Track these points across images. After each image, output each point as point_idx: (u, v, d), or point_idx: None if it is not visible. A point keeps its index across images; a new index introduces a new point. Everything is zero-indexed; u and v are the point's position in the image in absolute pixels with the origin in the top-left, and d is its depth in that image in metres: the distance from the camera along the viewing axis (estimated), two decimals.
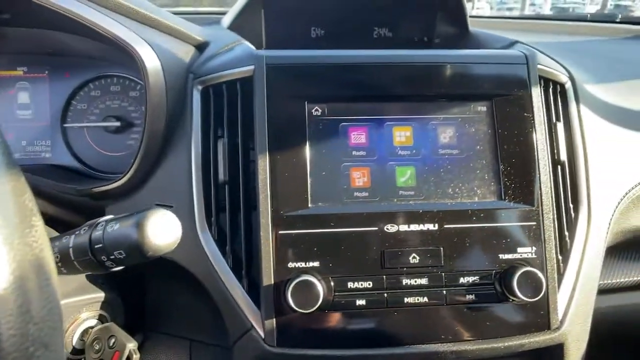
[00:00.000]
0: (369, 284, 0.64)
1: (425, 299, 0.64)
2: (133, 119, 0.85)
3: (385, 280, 0.64)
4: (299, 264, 0.63)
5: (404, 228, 0.65)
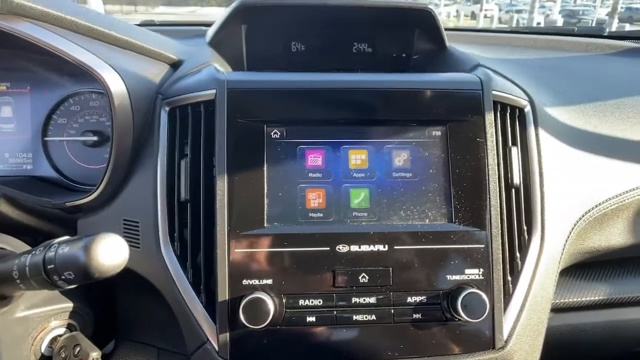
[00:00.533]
0: (320, 302, 0.67)
1: (373, 317, 0.67)
2: (110, 134, 0.89)
3: (335, 298, 0.67)
4: (253, 282, 0.66)
5: (355, 248, 0.67)
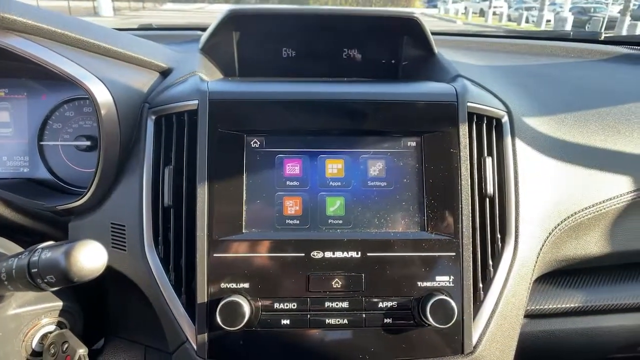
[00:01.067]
0: (294, 306, 0.69)
1: (345, 321, 0.70)
2: None
3: (309, 302, 0.70)
4: (231, 285, 0.69)
5: (329, 255, 0.70)
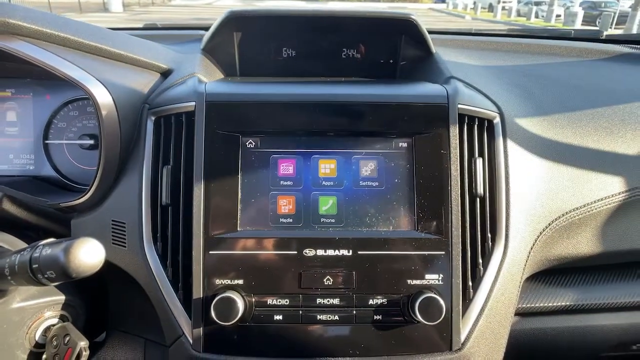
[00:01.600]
0: (286, 302, 0.72)
1: (336, 317, 0.72)
2: None
3: (301, 299, 0.72)
4: (225, 281, 0.71)
5: (321, 253, 0.72)
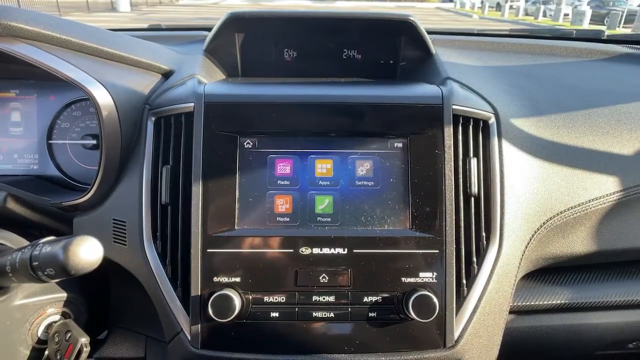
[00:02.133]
0: (283, 299, 0.73)
1: (332, 315, 0.73)
2: None
3: (297, 296, 0.73)
4: (223, 279, 0.73)
5: (317, 251, 0.73)
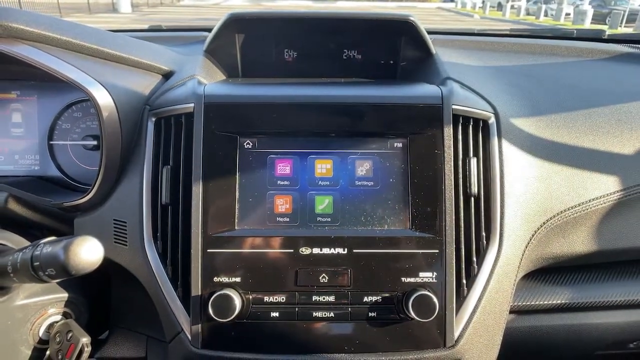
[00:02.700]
0: (283, 299, 0.73)
1: (332, 314, 0.73)
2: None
3: (297, 296, 0.73)
4: (223, 279, 0.73)
5: (317, 251, 0.73)
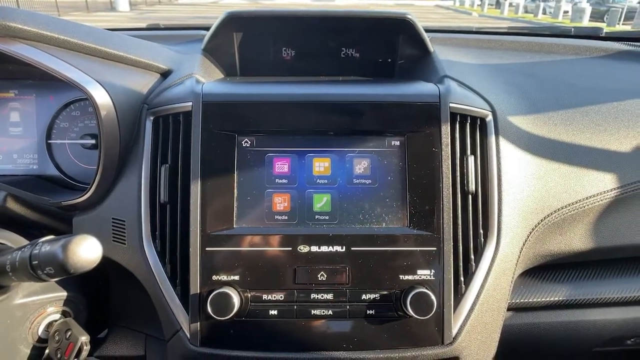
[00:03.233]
0: (281, 297, 0.73)
1: (330, 312, 0.73)
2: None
3: (295, 294, 0.73)
4: (222, 277, 0.73)
5: (315, 249, 0.73)
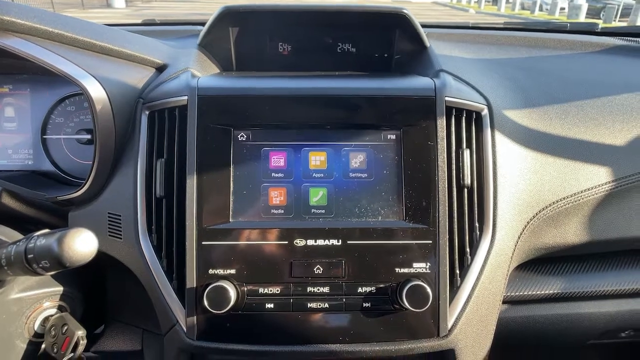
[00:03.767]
0: (278, 290, 0.73)
1: (326, 305, 0.73)
2: None
3: (292, 287, 0.73)
4: (218, 271, 0.73)
5: (311, 242, 0.74)
